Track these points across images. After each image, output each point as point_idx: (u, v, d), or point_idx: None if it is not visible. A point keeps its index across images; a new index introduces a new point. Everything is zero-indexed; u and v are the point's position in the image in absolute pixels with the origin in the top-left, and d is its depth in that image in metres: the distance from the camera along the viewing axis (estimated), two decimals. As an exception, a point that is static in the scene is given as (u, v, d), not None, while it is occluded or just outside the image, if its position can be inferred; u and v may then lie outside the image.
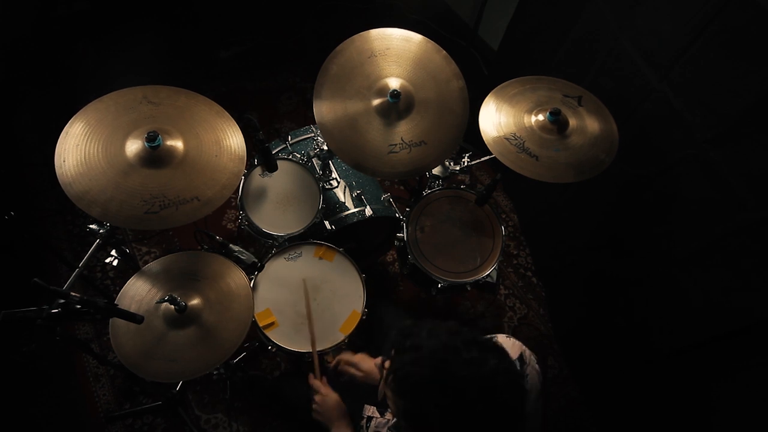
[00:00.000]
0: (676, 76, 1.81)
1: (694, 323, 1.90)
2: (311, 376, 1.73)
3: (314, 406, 1.63)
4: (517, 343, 1.34)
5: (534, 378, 1.30)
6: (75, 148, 1.56)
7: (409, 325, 1.13)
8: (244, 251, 1.81)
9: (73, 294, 1.38)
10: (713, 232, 1.76)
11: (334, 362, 1.73)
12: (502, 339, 1.34)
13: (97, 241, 1.72)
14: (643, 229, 2.09)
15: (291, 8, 3.55)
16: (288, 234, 2.09)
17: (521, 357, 1.31)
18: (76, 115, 1.62)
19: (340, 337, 1.92)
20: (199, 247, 2.10)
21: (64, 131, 1.58)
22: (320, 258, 2.08)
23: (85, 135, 1.59)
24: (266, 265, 2.01)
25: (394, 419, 1.52)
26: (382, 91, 1.90)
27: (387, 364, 1.13)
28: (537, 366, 1.32)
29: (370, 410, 1.58)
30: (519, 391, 1.06)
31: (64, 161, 1.54)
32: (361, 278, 2.05)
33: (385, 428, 1.50)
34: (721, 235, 1.73)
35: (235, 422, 2.41)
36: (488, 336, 1.32)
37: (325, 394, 1.63)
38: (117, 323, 1.65)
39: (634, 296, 2.19)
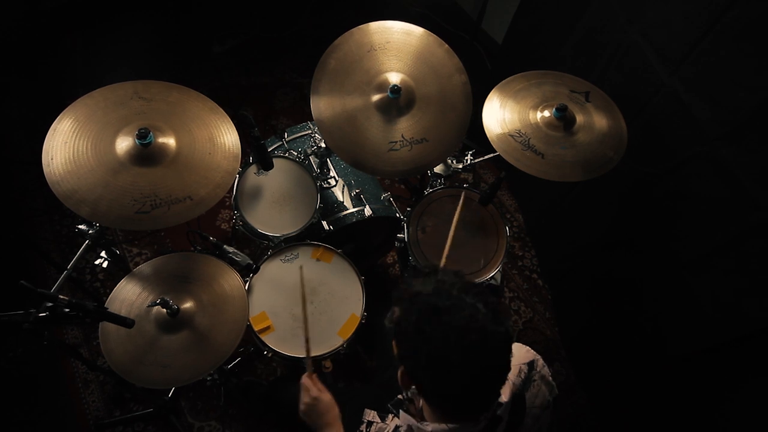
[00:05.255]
0: (686, 71, 1.78)
1: (703, 327, 1.87)
2: (304, 375, 1.57)
3: (302, 406, 1.48)
4: (531, 351, 1.33)
5: (542, 387, 1.29)
6: (63, 146, 1.53)
7: (411, 274, 1.16)
8: (238, 252, 1.79)
9: (61, 297, 1.36)
10: (724, 233, 1.74)
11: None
12: (517, 346, 1.33)
13: (86, 242, 1.71)
14: (652, 229, 2.07)
15: (288, 0, 3.52)
16: (284, 235, 2.06)
17: (532, 363, 1.30)
18: (65, 111, 1.59)
19: (339, 341, 1.89)
20: (192, 249, 2.08)
21: (51, 128, 1.55)
22: (318, 259, 2.06)
23: (73, 132, 1.56)
24: (262, 267, 1.98)
25: (395, 423, 1.47)
26: (382, 86, 1.87)
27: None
28: (550, 378, 1.32)
29: (371, 415, 1.54)
30: (501, 331, 1.05)
31: (51, 159, 1.51)
32: (360, 281, 2.02)
33: (387, 433, 1.46)
34: (733, 236, 1.70)
35: (229, 430, 2.38)
36: None
37: (320, 391, 1.49)
38: (107, 327, 1.62)
39: (642, 299, 2.16)
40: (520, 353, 1.31)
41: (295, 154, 2.19)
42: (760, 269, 1.63)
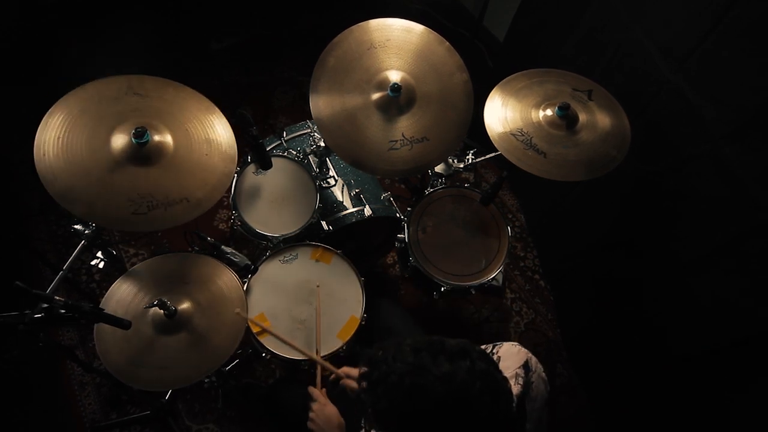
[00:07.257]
0: (690, 69, 1.77)
1: (704, 328, 1.86)
2: (311, 387, 1.66)
3: (311, 414, 1.56)
4: (523, 350, 1.33)
5: (540, 386, 1.29)
6: (56, 141, 1.50)
7: (374, 353, 1.11)
8: (236, 253, 1.78)
9: (57, 298, 1.36)
10: (724, 233, 1.73)
11: (334, 377, 1.65)
12: (508, 346, 1.34)
13: (82, 242, 1.69)
14: (652, 230, 2.06)
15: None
16: (283, 235, 2.04)
17: (526, 364, 1.29)
18: (56, 104, 1.55)
19: (338, 343, 1.87)
20: (190, 249, 2.05)
21: (43, 122, 1.51)
22: (317, 260, 2.03)
23: (66, 127, 1.52)
24: (260, 268, 1.96)
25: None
26: (382, 84, 1.86)
27: (362, 385, 1.11)
28: (544, 374, 1.32)
29: (371, 421, 1.53)
30: (497, 391, 1.05)
31: (44, 155, 1.47)
32: (360, 282, 2.00)
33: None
34: (733, 236, 1.70)
35: (227, 432, 2.36)
36: (485, 345, 1.34)
37: (324, 404, 1.57)
38: (103, 329, 1.60)
39: (642, 299, 2.16)
40: (512, 355, 1.30)
41: (294, 153, 2.17)
42: (761, 269, 1.63)
